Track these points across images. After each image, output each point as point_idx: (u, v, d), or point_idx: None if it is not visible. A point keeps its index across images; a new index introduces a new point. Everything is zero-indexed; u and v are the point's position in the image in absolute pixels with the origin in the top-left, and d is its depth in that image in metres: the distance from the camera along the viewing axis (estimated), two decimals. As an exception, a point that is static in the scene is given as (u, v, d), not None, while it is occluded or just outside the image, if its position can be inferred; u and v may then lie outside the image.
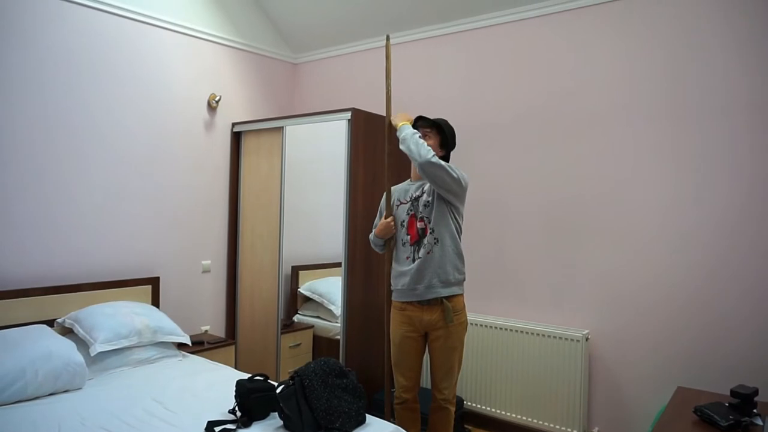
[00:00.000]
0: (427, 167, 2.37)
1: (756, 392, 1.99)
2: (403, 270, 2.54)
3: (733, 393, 2.01)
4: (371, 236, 2.73)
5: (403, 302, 2.55)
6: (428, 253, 2.47)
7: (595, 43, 3.05)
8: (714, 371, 2.65)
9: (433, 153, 2.38)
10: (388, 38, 2.69)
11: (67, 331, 2.85)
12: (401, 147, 2.48)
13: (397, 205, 2.63)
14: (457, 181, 2.43)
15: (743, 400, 1.97)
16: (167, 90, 3.58)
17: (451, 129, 2.64)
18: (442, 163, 2.38)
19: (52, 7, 2.98)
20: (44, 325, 2.74)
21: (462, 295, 2.54)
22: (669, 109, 2.82)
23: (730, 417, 1.89)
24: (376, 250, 2.77)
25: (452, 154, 2.67)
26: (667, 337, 2.81)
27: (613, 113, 2.99)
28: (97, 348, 2.67)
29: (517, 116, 3.33)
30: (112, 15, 3.25)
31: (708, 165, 2.71)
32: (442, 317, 2.46)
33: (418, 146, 2.40)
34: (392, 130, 2.61)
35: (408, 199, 2.60)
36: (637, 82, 2.91)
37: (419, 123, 2.61)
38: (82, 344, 2.71)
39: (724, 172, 2.67)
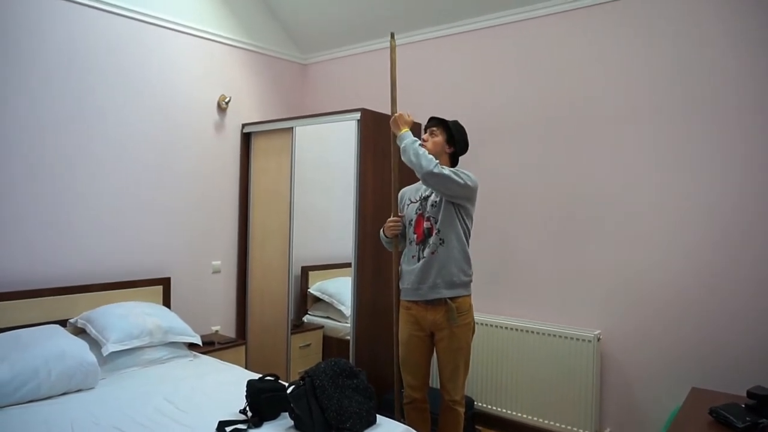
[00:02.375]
0: (429, 179, 2.36)
1: (773, 393, 1.96)
2: (409, 269, 2.54)
3: (750, 394, 1.97)
4: (380, 233, 2.74)
5: (409, 301, 2.56)
6: (432, 253, 2.46)
7: (603, 42, 3.02)
8: (729, 372, 2.61)
9: (435, 162, 2.35)
10: (392, 36, 2.68)
11: (80, 331, 2.87)
12: (402, 158, 2.46)
13: (408, 204, 2.63)
14: (464, 186, 2.40)
15: (760, 401, 1.94)
16: (177, 91, 3.60)
17: (461, 130, 2.61)
18: (445, 171, 2.35)
19: (62, 9, 3.01)
20: (57, 326, 2.77)
21: (468, 296, 2.52)
22: (682, 109, 2.78)
23: (747, 419, 1.86)
24: (386, 247, 2.78)
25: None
26: (680, 337, 2.78)
27: (624, 112, 2.96)
28: (109, 348, 2.69)
29: (526, 116, 3.31)
30: (121, 17, 3.27)
31: (724, 165, 2.67)
32: (446, 318, 2.45)
33: (418, 157, 2.37)
34: (391, 125, 2.59)
35: (417, 198, 2.59)
36: (650, 81, 2.88)
37: (428, 123, 2.61)
38: (95, 344, 2.72)
39: (740, 172, 2.63)
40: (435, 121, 2.59)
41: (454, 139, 2.56)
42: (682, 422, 1.98)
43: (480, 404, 3.34)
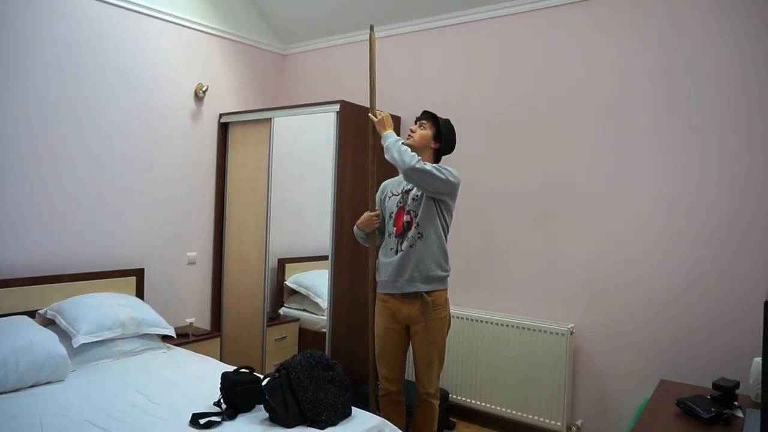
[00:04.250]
0: (411, 174, 2.37)
1: (737, 385, 2.03)
2: (386, 261, 2.55)
3: (715, 386, 2.04)
4: (354, 227, 2.74)
5: (385, 294, 2.56)
6: (411, 246, 2.47)
7: (587, 38, 3.05)
8: (696, 365, 2.68)
9: (417, 158, 2.38)
10: (372, 28, 2.67)
11: (49, 323, 2.80)
12: (386, 156, 2.48)
13: (389, 197, 2.63)
14: (446, 181, 2.42)
15: (725, 392, 2.00)
16: (153, 79, 3.52)
17: (450, 129, 2.61)
18: (427, 167, 2.37)
19: (35, -8, 2.92)
20: (25, 316, 2.70)
21: (444, 290, 2.54)
22: (659, 104, 2.83)
23: (712, 409, 1.92)
24: (359, 241, 2.78)
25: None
26: (651, 330, 2.84)
27: (600, 107, 3.00)
28: (79, 339, 2.64)
29: (504, 110, 3.33)
30: (97, 2, 3.18)
31: (696, 161, 2.73)
32: (421, 311, 2.46)
33: (401, 154, 2.40)
34: (376, 126, 2.61)
35: (399, 192, 2.60)
36: (628, 75, 2.92)
37: (420, 115, 2.62)
38: (65, 336, 2.66)
39: (711, 168, 2.69)
40: (427, 115, 2.61)
41: (441, 136, 2.57)
42: (651, 413, 2.03)
43: (455, 397, 3.37)
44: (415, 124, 2.61)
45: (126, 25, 3.35)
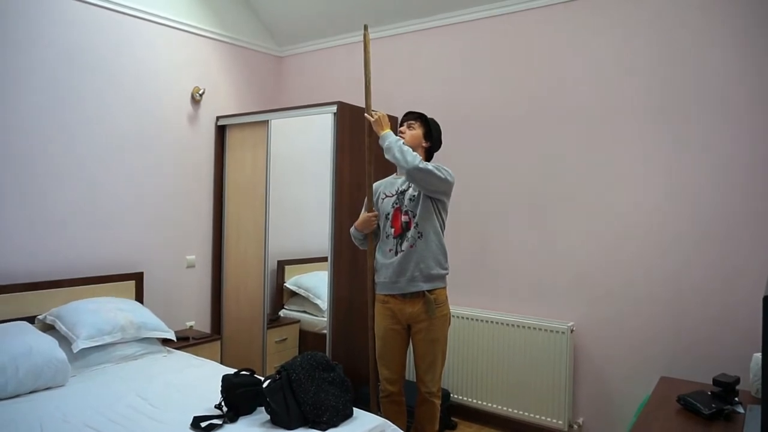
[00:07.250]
0: (415, 173, 2.38)
1: (737, 381, 2.03)
2: (386, 262, 2.54)
3: (716, 382, 2.04)
4: (352, 229, 2.73)
5: (385, 295, 2.56)
6: (411, 246, 2.47)
7: (578, 36, 3.06)
8: (697, 361, 2.69)
9: (419, 158, 2.40)
10: (366, 28, 2.67)
11: (49, 328, 2.80)
12: (386, 156, 2.48)
13: (383, 198, 2.63)
14: (444, 180, 2.44)
15: (725, 388, 2.00)
16: (150, 83, 3.52)
17: (437, 128, 2.64)
18: (429, 167, 2.39)
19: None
20: (24, 322, 2.70)
21: (444, 288, 2.55)
22: (655, 104, 2.84)
23: (713, 405, 1.92)
24: (356, 244, 2.77)
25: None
26: (651, 327, 2.84)
27: (597, 106, 3.01)
28: (79, 344, 2.63)
29: (502, 109, 3.33)
30: (93, 6, 3.18)
31: (695, 159, 2.73)
32: (424, 310, 2.47)
33: (403, 153, 2.40)
34: (373, 126, 2.59)
35: (394, 192, 2.60)
36: (626, 76, 2.92)
37: (406, 116, 2.62)
38: (64, 341, 2.66)
39: (710, 166, 2.69)
40: (414, 115, 2.61)
41: (431, 135, 2.58)
42: (651, 410, 2.03)
43: (456, 396, 3.37)
44: (402, 125, 2.61)
45: (121, 29, 3.35)
